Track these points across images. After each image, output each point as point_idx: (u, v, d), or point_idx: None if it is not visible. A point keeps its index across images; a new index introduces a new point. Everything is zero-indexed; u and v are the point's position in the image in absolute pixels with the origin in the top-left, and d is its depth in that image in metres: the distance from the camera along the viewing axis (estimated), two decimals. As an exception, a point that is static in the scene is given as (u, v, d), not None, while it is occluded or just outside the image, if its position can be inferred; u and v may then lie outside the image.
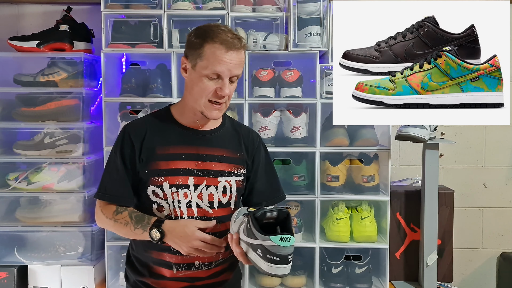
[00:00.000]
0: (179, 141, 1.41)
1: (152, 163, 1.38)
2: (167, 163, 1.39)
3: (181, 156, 1.40)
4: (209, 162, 1.41)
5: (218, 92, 1.34)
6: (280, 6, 2.04)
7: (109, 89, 2.06)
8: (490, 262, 2.50)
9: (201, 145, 1.42)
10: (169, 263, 1.39)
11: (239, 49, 1.34)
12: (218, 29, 1.34)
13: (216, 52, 1.31)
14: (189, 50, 1.37)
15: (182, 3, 2.00)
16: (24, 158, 2.09)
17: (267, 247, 1.14)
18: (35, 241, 2.12)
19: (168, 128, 1.43)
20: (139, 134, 1.41)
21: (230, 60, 1.32)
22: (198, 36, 1.35)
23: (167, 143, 1.40)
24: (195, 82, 1.36)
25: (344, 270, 2.06)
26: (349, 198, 2.07)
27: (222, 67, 1.32)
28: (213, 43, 1.31)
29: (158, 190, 1.38)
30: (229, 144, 1.47)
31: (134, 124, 1.46)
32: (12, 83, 2.10)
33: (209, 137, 1.45)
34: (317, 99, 2.01)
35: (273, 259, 1.14)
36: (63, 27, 2.10)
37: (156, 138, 1.41)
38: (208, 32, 1.33)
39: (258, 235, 1.16)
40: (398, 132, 1.97)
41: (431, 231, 2.05)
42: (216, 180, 1.41)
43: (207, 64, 1.32)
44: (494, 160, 2.46)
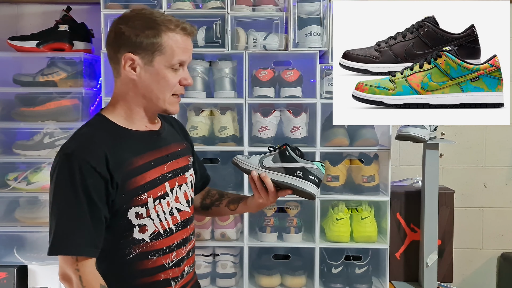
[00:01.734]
0: (142, 149, 1.25)
1: (129, 182, 1.18)
2: (142, 176, 1.21)
3: (151, 164, 1.24)
4: (173, 161, 1.31)
5: (183, 82, 1.26)
6: (280, 5, 2.04)
7: (108, 89, 2.06)
8: (491, 263, 2.49)
9: (161, 146, 1.30)
10: (167, 280, 1.27)
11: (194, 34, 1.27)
12: (163, 16, 1.22)
13: (178, 41, 1.21)
14: (136, 47, 1.19)
15: (182, 2, 2.00)
16: (23, 158, 2.08)
17: (309, 169, 1.32)
18: (35, 241, 2.12)
19: (124, 138, 1.23)
20: (99, 159, 1.14)
21: (190, 46, 1.26)
22: (144, 28, 1.19)
23: (133, 155, 1.21)
24: (155, 79, 1.22)
25: (344, 270, 2.06)
26: (349, 198, 2.07)
27: (186, 55, 1.24)
28: (172, 32, 1.20)
29: (142, 210, 1.20)
30: (176, 136, 1.40)
31: (86, 150, 1.16)
32: (12, 83, 2.10)
33: (163, 136, 1.33)
34: (317, 99, 2.00)
35: (313, 179, 1.32)
36: (63, 27, 2.10)
37: (119, 153, 1.19)
38: (156, 21, 1.20)
39: (300, 159, 1.34)
40: (398, 132, 1.97)
41: (431, 231, 2.05)
42: (184, 177, 1.34)
43: (171, 55, 1.20)
44: (495, 160, 2.46)
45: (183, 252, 1.31)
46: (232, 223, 2.03)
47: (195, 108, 2.07)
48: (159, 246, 1.25)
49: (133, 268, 1.22)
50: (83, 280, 1.12)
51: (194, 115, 2.04)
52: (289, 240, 2.05)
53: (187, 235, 1.33)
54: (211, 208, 1.52)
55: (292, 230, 2.04)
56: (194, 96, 2.02)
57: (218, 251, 2.06)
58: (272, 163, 1.36)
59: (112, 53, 1.24)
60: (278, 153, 1.38)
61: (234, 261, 2.06)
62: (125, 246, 1.21)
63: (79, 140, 1.20)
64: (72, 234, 1.12)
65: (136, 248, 1.22)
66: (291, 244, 2.06)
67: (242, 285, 2.04)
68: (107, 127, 1.24)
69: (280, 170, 1.34)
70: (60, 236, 1.12)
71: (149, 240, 1.23)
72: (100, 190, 1.14)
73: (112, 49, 1.24)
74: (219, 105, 2.09)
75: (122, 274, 1.23)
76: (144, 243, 1.22)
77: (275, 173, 1.35)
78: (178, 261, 1.30)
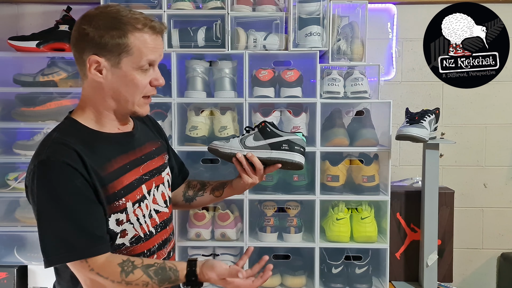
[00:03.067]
0: (116, 152, 1.19)
1: (106, 188, 1.12)
2: (119, 181, 1.15)
3: (126, 167, 1.19)
4: (149, 162, 1.26)
5: (154, 83, 1.17)
6: (280, 6, 2.04)
7: (109, 89, 2.06)
8: (491, 262, 2.49)
9: (134, 147, 1.24)
10: None
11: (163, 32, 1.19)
12: (131, 14, 1.14)
13: (146, 41, 1.13)
14: (101, 48, 1.12)
15: (182, 2, 2.00)
16: (23, 158, 2.08)
17: (293, 141, 1.35)
18: (35, 241, 2.10)
19: (96, 142, 1.17)
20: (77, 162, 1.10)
21: (159, 45, 1.17)
22: (109, 29, 1.11)
23: (106, 159, 1.15)
24: (123, 82, 1.14)
25: (344, 270, 2.06)
26: (349, 198, 2.07)
27: (155, 54, 1.15)
28: (140, 32, 1.12)
29: (122, 216, 1.15)
30: (150, 135, 1.35)
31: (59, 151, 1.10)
32: (12, 83, 2.10)
33: (137, 137, 1.27)
34: (317, 99, 2.00)
35: (299, 149, 1.36)
36: (63, 27, 2.10)
37: (93, 158, 1.12)
38: (122, 20, 1.12)
39: (283, 133, 1.37)
40: (398, 132, 1.97)
41: (431, 231, 2.05)
42: (161, 177, 1.30)
43: (139, 56, 1.13)
44: (494, 160, 2.46)
45: (164, 253, 1.28)
46: (232, 223, 2.03)
47: (195, 108, 2.07)
48: (139, 250, 1.21)
49: None
50: (103, 274, 1.09)
51: (194, 115, 2.04)
52: (289, 240, 2.05)
53: (167, 236, 1.30)
54: (195, 199, 1.47)
55: (292, 230, 2.04)
56: (194, 96, 2.02)
57: (218, 251, 2.06)
58: (255, 141, 1.38)
59: (77, 55, 1.16)
60: (259, 131, 1.39)
61: (234, 261, 2.06)
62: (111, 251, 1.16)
63: (51, 146, 1.11)
64: (73, 238, 1.08)
65: (117, 253, 1.17)
66: (291, 244, 2.06)
67: (242, 285, 2.04)
68: (78, 131, 1.17)
69: (265, 147, 1.36)
70: (60, 244, 1.08)
71: (130, 244, 1.19)
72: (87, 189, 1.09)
73: (76, 50, 1.16)
74: (219, 105, 2.09)
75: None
76: (124, 248, 1.18)
77: (261, 151, 1.36)
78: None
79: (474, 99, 2.43)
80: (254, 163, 1.34)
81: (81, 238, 1.08)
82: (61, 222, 1.08)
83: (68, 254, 1.08)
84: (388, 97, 2.26)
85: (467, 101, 2.43)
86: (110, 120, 1.20)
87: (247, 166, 1.34)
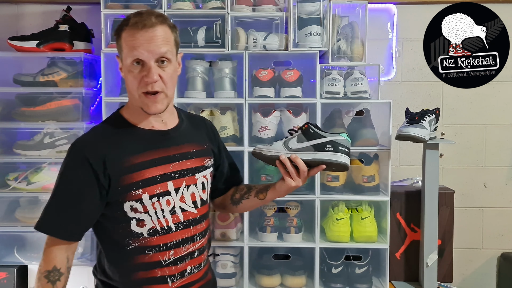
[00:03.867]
0: (145, 147, 1.27)
1: (124, 178, 1.22)
2: (140, 173, 1.24)
3: (154, 162, 1.26)
4: (182, 161, 1.31)
5: (145, 79, 1.21)
6: (280, 6, 2.04)
7: (108, 89, 2.06)
8: (491, 262, 2.49)
9: (170, 145, 1.31)
10: (163, 277, 1.29)
11: (154, 25, 1.20)
12: (133, 14, 1.24)
13: (129, 37, 1.20)
14: (117, 48, 1.28)
15: (182, 2, 2.00)
16: (24, 158, 2.08)
17: (337, 141, 1.33)
18: (35, 241, 2.12)
19: (129, 135, 1.28)
20: (96, 154, 1.22)
21: (146, 40, 1.19)
22: (116, 30, 1.26)
23: (133, 152, 1.25)
24: (127, 78, 1.25)
25: (344, 270, 2.06)
26: (349, 198, 2.07)
27: (139, 50, 1.19)
28: (126, 28, 1.21)
29: (137, 205, 1.24)
30: (194, 137, 1.39)
31: (86, 141, 1.26)
32: (12, 83, 2.10)
33: (175, 135, 1.34)
34: (317, 99, 2.00)
35: (344, 150, 1.33)
36: (63, 27, 2.10)
37: (120, 149, 1.24)
38: (124, 21, 1.24)
39: (327, 134, 1.35)
40: (398, 132, 1.97)
41: (431, 231, 2.05)
42: (194, 178, 1.34)
43: (126, 53, 1.22)
44: (494, 160, 2.46)
45: (182, 251, 1.31)
46: (232, 223, 2.03)
47: (195, 108, 2.07)
48: (155, 243, 1.27)
49: (132, 261, 1.27)
50: (44, 254, 1.24)
51: (194, 115, 2.04)
52: (289, 240, 2.05)
53: (189, 235, 1.32)
54: (241, 202, 1.50)
55: (292, 230, 2.04)
56: (194, 96, 2.02)
57: (218, 251, 2.06)
58: (298, 143, 1.37)
59: None
60: (302, 133, 1.38)
61: (234, 261, 2.06)
62: (124, 237, 1.26)
63: (88, 133, 1.30)
64: (49, 215, 1.23)
65: (135, 241, 1.26)
66: (291, 244, 2.06)
67: (242, 285, 2.04)
68: (118, 124, 1.30)
69: (309, 148, 1.35)
70: (43, 214, 1.24)
71: (147, 235, 1.27)
72: (88, 181, 1.21)
73: None
74: (219, 105, 2.09)
75: (123, 265, 1.28)
76: (142, 238, 1.26)
77: (305, 152, 1.35)
78: (176, 259, 1.30)
79: (474, 99, 2.43)
80: (298, 165, 1.34)
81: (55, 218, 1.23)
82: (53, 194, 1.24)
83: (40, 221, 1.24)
84: (388, 97, 2.26)
85: (467, 101, 2.43)
86: (143, 116, 1.29)
87: (291, 168, 1.34)
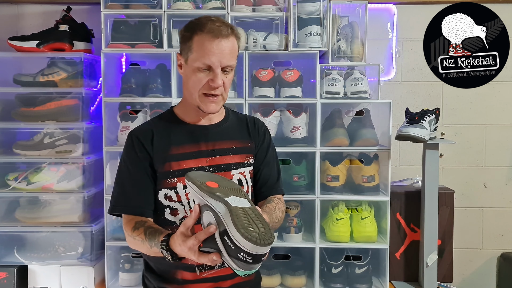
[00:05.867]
0: (187, 140, 1.38)
1: (164, 165, 1.34)
2: (178, 163, 1.35)
3: (192, 155, 1.36)
4: (220, 157, 1.38)
5: (210, 84, 1.30)
6: (280, 6, 2.04)
7: (108, 89, 2.06)
8: (490, 262, 2.49)
9: (210, 140, 1.39)
10: (191, 266, 1.35)
11: (228, 36, 1.29)
12: (206, 19, 1.30)
13: (204, 43, 1.28)
14: (181, 45, 1.35)
15: (182, 3, 2.00)
16: (23, 158, 2.08)
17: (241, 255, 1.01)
18: (35, 241, 2.12)
19: (174, 128, 1.40)
20: (147, 137, 1.37)
21: (219, 50, 1.28)
22: (187, 30, 1.32)
23: (176, 143, 1.37)
24: (189, 77, 1.34)
25: (344, 270, 2.06)
26: (349, 198, 2.07)
27: (211, 58, 1.28)
28: (201, 34, 1.28)
29: (171, 193, 1.34)
30: (237, 134, 1.45)
31: (140, 129, 1.41)
32: (12, 83, 2.10)
33: (217, 131, 1.42)
34: (317, 99, 2.00)
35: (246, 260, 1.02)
36: (63, 27, 2.10)
37: (165, 139, 1.37)
38: (197, 24, 1.30)
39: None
40: (398, 132, 1.97)
41: (431, 231, 2.05)
42: (229, 174, 1.38)
43: (197, 56, 1.29)
44: (494, 160, 2.46)
45: None
46: (232, 223, 2.03)
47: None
48: None
49: None
50: (124, 227, 1.33)
51: (194, 115, 2.04)
52: (289, 240, 2.05)
53: None
54: None
55: (292, 230, 2.04)
56: (194, 96, 2.01)
57: (218, 251, 2.06)
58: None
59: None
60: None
61: (234, 261, 2.06)
62: (159, 225, 1.33)
63: (142, 124, 1.46)
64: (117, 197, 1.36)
65: (169, 228, 1.32)
66: (291, 244, 2.06)
67: (242, 285, 2.04)
68: (167, 117, 1.43)
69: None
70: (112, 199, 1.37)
71: (179, 224, 1.34)
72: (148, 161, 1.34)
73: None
74: (219, 105, 2.08)
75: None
76: (175, 226, 1.35)
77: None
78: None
79: (474, 99, 2.43)
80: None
81: (121, 197, 1.35)
82: (117, 181, 1.38)
83: (110, 207, 1.36)
84: (388, 97, 2.26)
85: (467, 101, 2.43)
86: (193, 111, 1.39)
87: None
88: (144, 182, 1.34)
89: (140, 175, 1.34)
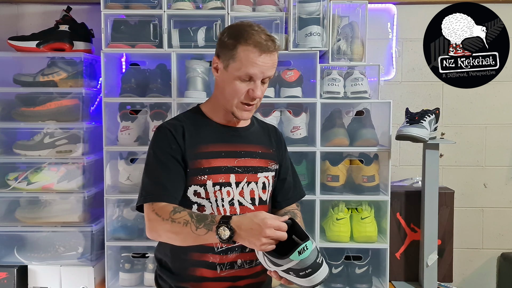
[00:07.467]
0: (217, 139, 1.41)
1: (194, 162, 1.36)
2: (208, 161, 1.37)
3: (221, 154, 1.39)
4: (247, 159, 1.42)
5: (250, 94, 1.34)
6: (280, 6, 2.04)
7: (109, 89, 2.06)
8: (490, 262, 2.49)
9: (238, 142, 1.43)
10: (213, 264, 1.37)
11: (273, 51, 1.32)
12: (251, 29, 1.32)
13: (249, 55, 1.30)
14: (221, 50, 1.35)
15: (182, 3, 2.00)
16: (24, 158, 2.08)
17: (294, 268, 1.14)
18: (35, 241, 2.12)
19: (204, 126, 1.42)
20: (179, 132, 1.37)
21: (263, 63, 1.31)
22: (231, 37, 1.33)
23: (206, 141, 1.39)
24: (227, 83, 1.35)
25: (344, 270, 2.06)
26: (349, 198, 2.07)
27: (255, 70, 1.31)
28: (247, 45, 1.30)
29: (200, 190, 1.36)
30: (262, 140, 1.49)
31: (171, 124, 1.41)
32: (12, 83, 2.10)
33: (245, 134, 1.46)
34: (317, 99, 2.00)
35: (306, 273, 1.14)
36: (63, 27, 2.10)
37: (196, 136, 1.39)
38: (242, 33, 1.31)
39: (279, 261, 1.15)
40: (398, 132, 1.97)
41: (431, 231, 2.05)
42: (256, 176, 1.42)
43: (240, 66, 1.31)
44: (494, 160, 2.46)
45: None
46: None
47: (195, 108, 2.07)
48: None
49: None
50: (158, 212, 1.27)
51: (194, 115, 2.04)
52: (289, 240, 2.05)
53: None
54: None
55: (292, 230, 2.04)
56: (194, 96, 2.02)
57: (218, 251, 2.06)
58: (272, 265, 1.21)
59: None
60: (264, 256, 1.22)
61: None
62: None
63: (170, 119, 1.47)
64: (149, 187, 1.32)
65: None
66: (291, 244, 2.05)
67: (242, 285, 2.04)
68: (195, 115, 1.45)
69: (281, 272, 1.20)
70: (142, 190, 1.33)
71: None
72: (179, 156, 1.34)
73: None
74: (219, 105, 2.08)
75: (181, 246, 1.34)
76: None
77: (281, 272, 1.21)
78: (227, 249, 1.37)
79: (474, 99, 2.43)
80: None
81: (154, 187, 1.32)
82: (147, 172, 1.36)
83: (142, 198, 1.32)
84: (388, 97, 2.26)
85: (467, 101, 2.43)
86: (223, 112, 1.42)
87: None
88: (178, 173, 1.34)
89: (173, 165, 1.34)
